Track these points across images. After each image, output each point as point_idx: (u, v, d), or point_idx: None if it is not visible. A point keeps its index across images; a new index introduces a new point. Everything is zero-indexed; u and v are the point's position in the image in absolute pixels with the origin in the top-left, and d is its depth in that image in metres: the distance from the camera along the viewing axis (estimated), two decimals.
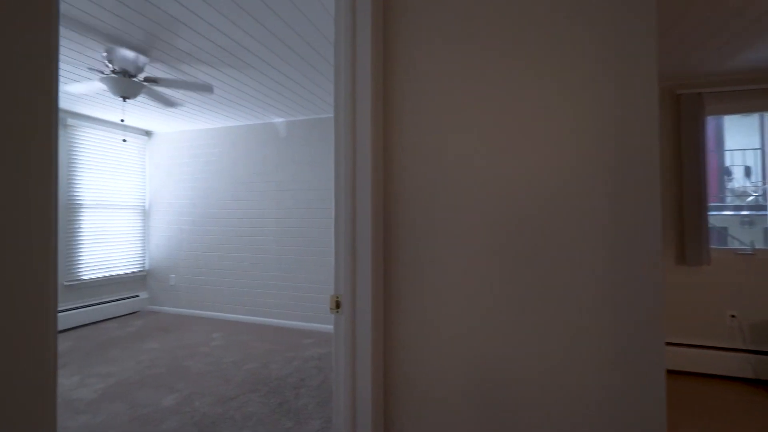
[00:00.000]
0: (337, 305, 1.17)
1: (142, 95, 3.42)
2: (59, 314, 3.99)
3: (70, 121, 4.19)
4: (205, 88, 2.71)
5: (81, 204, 4.33)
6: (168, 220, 4.98)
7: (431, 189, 1.20)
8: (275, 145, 4.50)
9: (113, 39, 2.37)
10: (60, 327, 4.01)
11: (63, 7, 2.04)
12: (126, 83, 2.57)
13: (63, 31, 2.28)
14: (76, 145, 4.28)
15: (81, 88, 2.78)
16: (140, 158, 5.02)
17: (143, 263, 5.05)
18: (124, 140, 3.07)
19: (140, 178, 5.01)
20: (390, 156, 1.24)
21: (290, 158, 4.42)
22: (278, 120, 4.44)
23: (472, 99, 1.16)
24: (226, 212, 4.70)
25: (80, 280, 4.29)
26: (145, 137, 5.06)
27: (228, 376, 2.97)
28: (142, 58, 2.61)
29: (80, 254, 4.31)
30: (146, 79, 2.65)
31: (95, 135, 4.47)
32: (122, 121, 2.66)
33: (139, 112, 4.15)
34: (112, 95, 3.45)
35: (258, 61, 2.77)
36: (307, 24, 2.23)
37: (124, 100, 2.68)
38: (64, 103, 3.83)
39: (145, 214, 5.09)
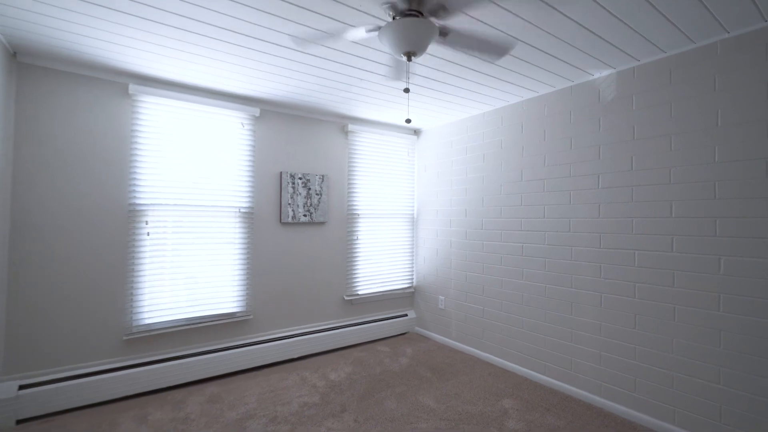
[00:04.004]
0: None
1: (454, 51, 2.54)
2: (339, 330, 3.79)
3: (350, 127, 4.01)
4: None
5: (357, 214, 4.10)
6: (435, 230, 4.21)
7: None
8: (591, 116, 2.85)
9: None
10: (341, 344, 3.80)
11: None
12: (407, 26, 1.60)
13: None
14: (354, 151, 4.08)
15: (355, 34, 2.09)
16: (409, 160, 4.50)
17: (412, 279, 4.50)
18: (408, 120, 2.23)
19: (409, 183, 4.49)
20: None
21: (623, 134, 2.65)
22: (599, 74, 2.77)
23: None
24: (508, 222, 3.42)
25: (357, 295, 4.04)
26: (414, 136, 4.50)
27: None
28: None
29: (357, 268, 4.07)
30: (431, 12, 1.63)
31: (369, 138, 4.19)
32: (406, 90, 1.71)
33: (414, 103, 3.45)
34: (392, 77, 2.76)
35: None
36: None
37: (409, 60, 1.76)
38: (342, 107, 3.55)
39: (413, 223, 4.53)
